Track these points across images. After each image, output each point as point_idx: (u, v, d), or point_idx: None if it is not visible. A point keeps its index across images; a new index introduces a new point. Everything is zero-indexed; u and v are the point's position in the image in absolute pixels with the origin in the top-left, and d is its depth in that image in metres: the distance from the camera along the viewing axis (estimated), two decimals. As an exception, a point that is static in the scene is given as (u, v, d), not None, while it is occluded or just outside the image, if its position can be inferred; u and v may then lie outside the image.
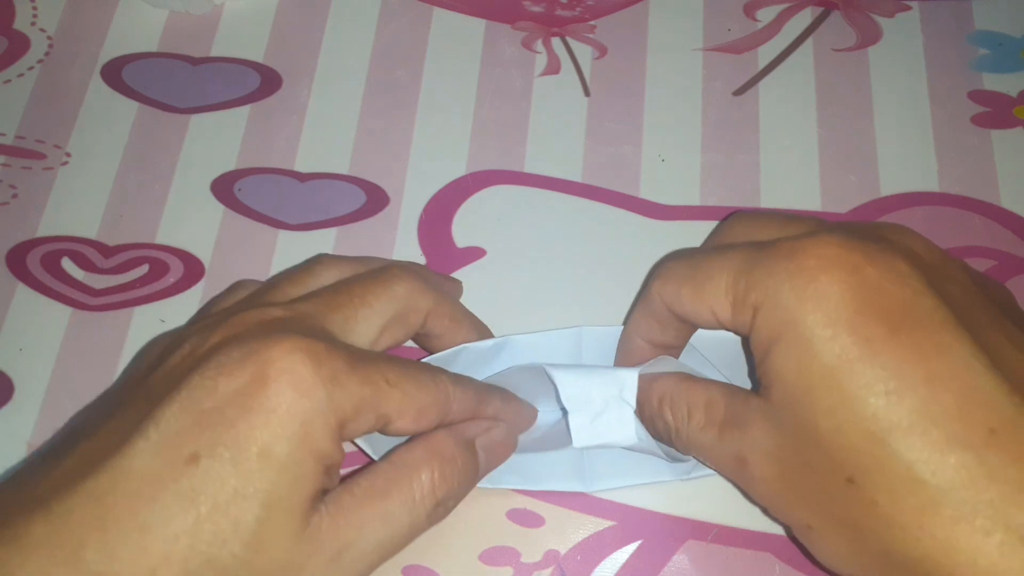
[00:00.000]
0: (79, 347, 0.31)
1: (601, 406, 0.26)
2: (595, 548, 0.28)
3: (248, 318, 0.24)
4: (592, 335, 0.29)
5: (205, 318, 0.25)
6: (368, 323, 0.25)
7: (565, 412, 0.27)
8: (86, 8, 0.38)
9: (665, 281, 0.25)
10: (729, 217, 0.27)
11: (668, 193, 0.33)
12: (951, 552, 0.20)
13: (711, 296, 0.23)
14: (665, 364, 0.26)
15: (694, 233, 0.32)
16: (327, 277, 0.27)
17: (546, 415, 0.29)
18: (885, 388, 0.20)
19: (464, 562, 0.28)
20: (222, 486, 0.21)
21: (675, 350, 0.27)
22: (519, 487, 0.28)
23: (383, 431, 0.24)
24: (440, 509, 0.24)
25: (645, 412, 0.26)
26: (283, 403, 0.21)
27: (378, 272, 0.27)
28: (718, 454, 0.24)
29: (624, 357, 0.28)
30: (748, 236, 0.25)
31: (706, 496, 0.28)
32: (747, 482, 0.24)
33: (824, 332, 0.21)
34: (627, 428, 0.26)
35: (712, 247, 0.25)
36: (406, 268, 0.27)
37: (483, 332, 0.29)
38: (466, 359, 0.28)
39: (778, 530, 0.28)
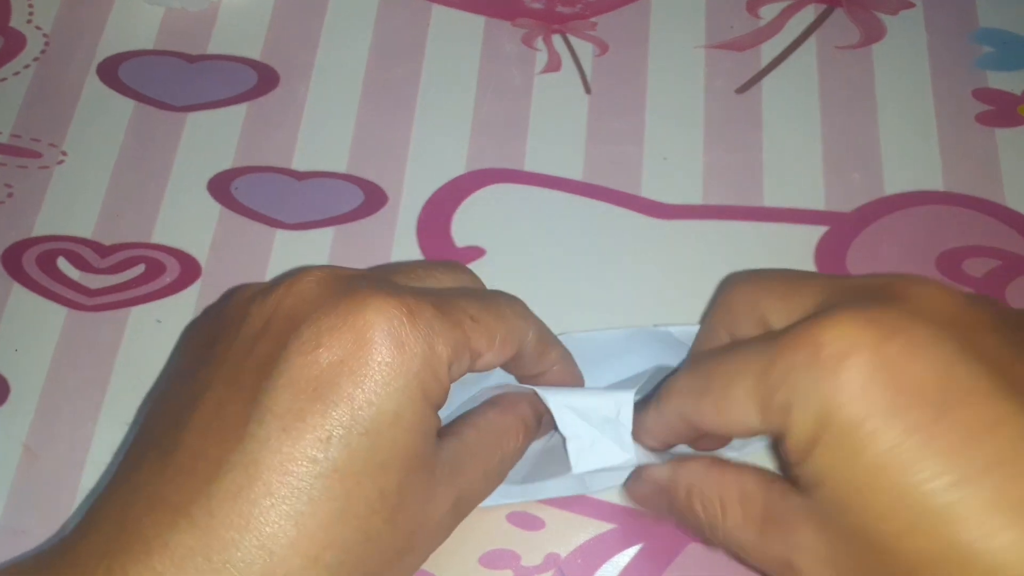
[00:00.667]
0: (75, 347, 0.31)
1: (599, 430, 0.26)
2: (596, 551, 0.28)
3: (314, 273, 0.23)
4: (577, 341, 0.28)
5: (258, 283, 0.24)
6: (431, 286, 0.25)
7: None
8: (82, 5, 0.38)
9: (680, 397, 0.24)
10: (723, 287, 0.26)
11: (670, 192, 0.33)
12: None
13: (736, 406, 0.22)
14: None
15: (696, 232, 0.32)
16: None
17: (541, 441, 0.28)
18: (946, 482, 0.18)
19: (464, 565, 0.27)
20: (363, 460, 0.20)
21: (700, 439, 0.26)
22: (521, 500, 0.28)
23: (471, 368, 0.24)
24: (510, 469, 0.26)
25: (676, 506, 0.25)
26: (393, 363, 0.21)
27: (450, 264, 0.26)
28: (761, 556, 0.22)
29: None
30: (750, 313, 0.24)
31: (708, 498, 0.28)
32: None
33: (866, 427, 0.19)
34: (626, 451, 0.26)
35: (717, 352, 0.23)
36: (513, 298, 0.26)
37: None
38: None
39: (781, 533, 0.28)
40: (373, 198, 0.33)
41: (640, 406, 0.26)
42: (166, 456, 0.21)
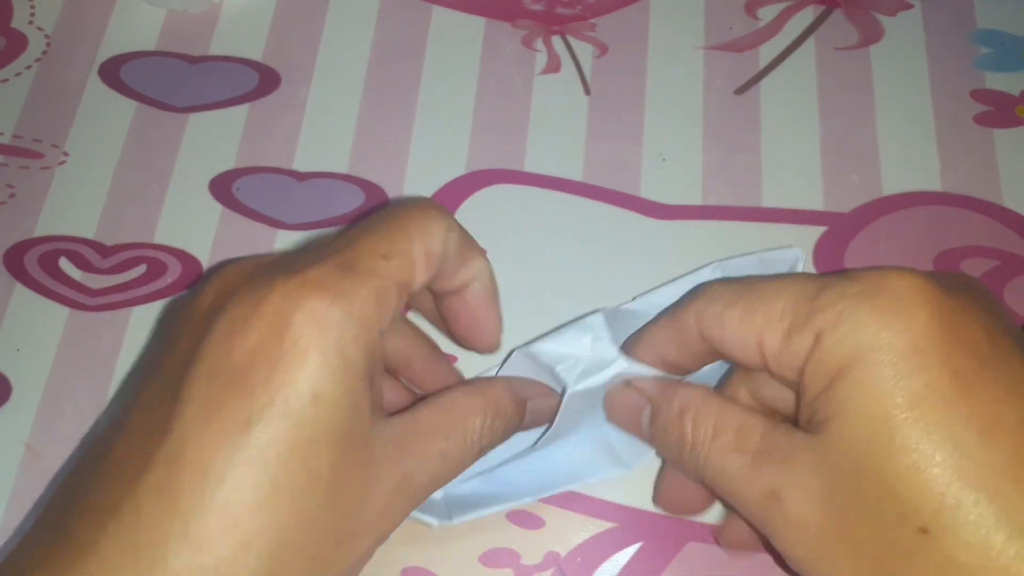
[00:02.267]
0: (77, 347, 0.31)
1: (581, 353, 0.26)
2: (596, 550, 0.28)
3: (232, 269, 0.23)
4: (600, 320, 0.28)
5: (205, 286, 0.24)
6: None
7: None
8: (84, 7, 0.38)
9: (708, 302, 0.23)
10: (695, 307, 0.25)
11: (669, 192, 0.33)
12: None
13: (763, 318, 0.21)
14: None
15: (695, 233, 0.32)
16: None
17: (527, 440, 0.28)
18: (979, 427, 0.18)
19: (464, 564, 0.27)
20: (285, 442, 0.20)
21: (683, 374, 0.26)
22: (566, 489, 0.28)
23: (411, 301, 0.23)
24: (481, 454, 0.24)
25: (659, 418, 0.24)
26: (310, 341, 0.20)
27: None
28: (743, 485, 0.22)
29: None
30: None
31: (707, 497, 0.28)
32: (777, 523, 0.21)
33: (912, 360, 0.19)
34: (611, 354, 0.26)
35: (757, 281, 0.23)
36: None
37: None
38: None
39: (780, 531, 0.28)
40: (374, 198, 0.33)
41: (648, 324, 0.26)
42: (99, 461, 0.21)
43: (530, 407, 0.26)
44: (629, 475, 0.28)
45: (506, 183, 0.34)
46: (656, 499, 0.28)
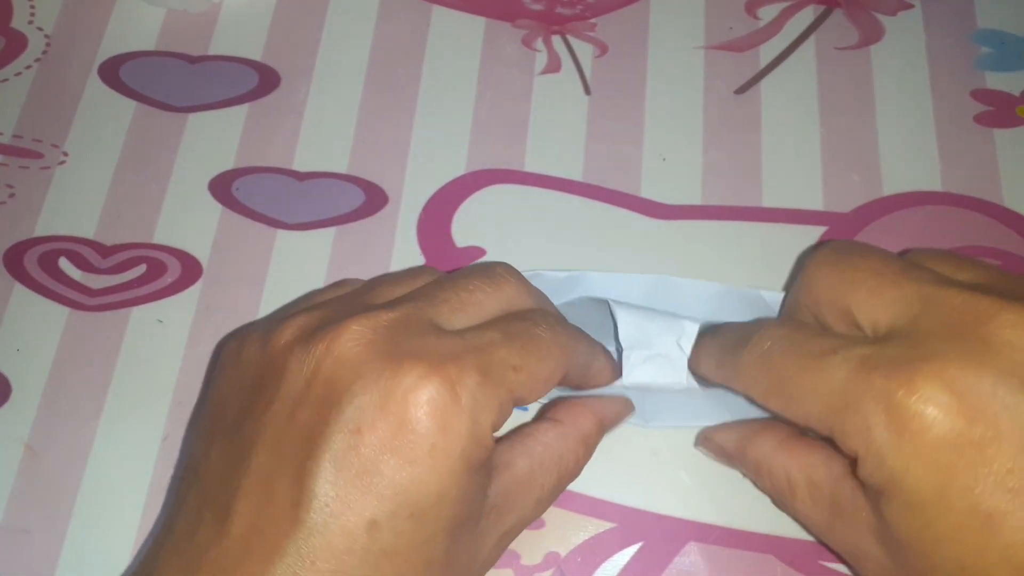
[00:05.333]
0: (76, 347, 0.31)
1: (657, 349, 0.26)
2: (596, 550, 0.28)
3: (354, 327, 0.22)
4: (667, 285, 0.29)
5: (303, 316, 0.23)
6: (474, 317, 0.24)
7: (620, 351, 0.27)
8: (84, 6, 0.38)
9: (761, 371, 0.23)
10: (808, 265, 0.25)
11: (669, 192, 0.33)
12: None
13: (803, 418, 0.22)
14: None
15: (695, 233, 0.32)
16: (429, 276, 0.26)
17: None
18: (1008, 489, 0.19)
19: (464, 564, 0.27)
20: (409, 540, 0.21)
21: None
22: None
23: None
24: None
25: (744, 472, 0.26)
26: (437, 445, 0.21)
27: (484, 267, 0.25)
28: (831, 539, 0.24)
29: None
30: (834, 303, 0.23)
31: (708, 497, 0.28)
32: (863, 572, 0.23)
33: (936, 502, 0.20)
34: (679, 373, 0.26)
35: (814, 346, 0.23)
36: (511, 268, 0.26)
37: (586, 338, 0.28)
38: (540, 287, 0.28)
39: (780, 531, 0.28)
40: (374, 198, 0.33)
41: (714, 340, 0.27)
42: (221, 524, 0.21)
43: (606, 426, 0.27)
44: (629, 475, 0.28)
45: (506, 183, 0.33)
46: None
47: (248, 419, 0.22)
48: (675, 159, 0.34)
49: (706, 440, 0.28)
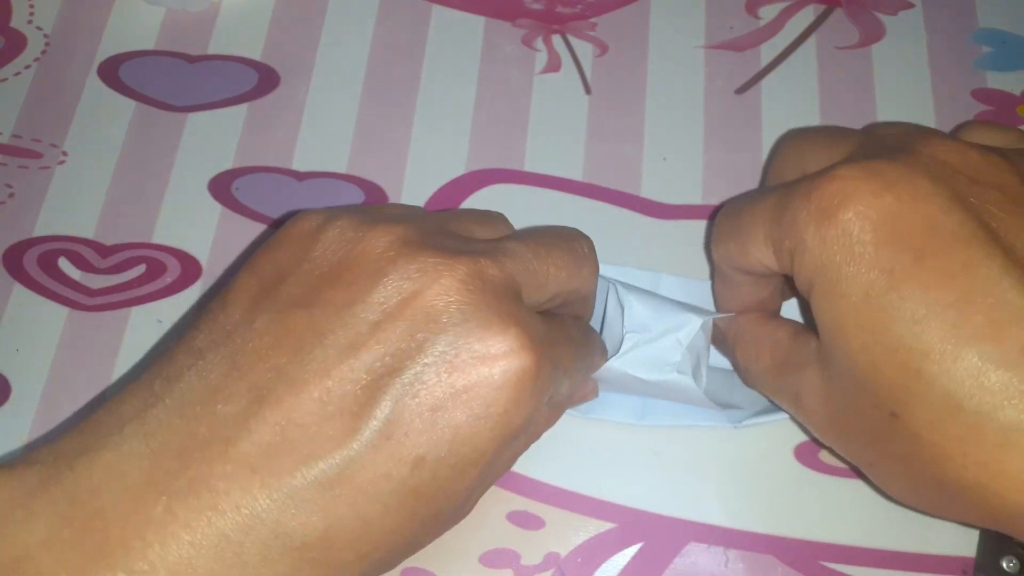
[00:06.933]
0: (76, 347, 0.31)
1: (657, 336, 0.27)
2: (596, 550, 0.28)
3: (462, 269, 0.21)
4: (670, 283, 0.30)
5: (402, 227, 0.22)
6: (549, 292, 0.24)
7: (603, 328, 0.28)
8: (83, 6, 0.38)
9: (716, 243, 0.26)
10: (781, 139, 0.27)
11: (670, 192, 0.33)
12: (999, 477, 0.19)
13: (755, 249, 0.24)
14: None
15: (696, 232, 0.32)
16: (504, 224, 0.26)
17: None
18: (912, 317, 0.20)
19: (464, 564, 0.27)
20: (438, 488, 0.21)
21: (773, 302, 0.28)
22: (576, 414, 0.29)
23: None
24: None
25: (723, 348, 0.28)
26: (504, 414, 0.21)
27: (573, 243, 0.25)
28: (779, 394, 0.26)
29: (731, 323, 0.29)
30: (795, 162, 0.26)
31: (708, 498, 0.28)
32: (805, 420, 0.25)
33: (849, 271, 0.21)
34: (673, 359, 0.27)
35: (753, 192, 0.26)
36: (592, 245, 0.26)
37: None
38: None
39: (781, 532, 0.28)
40: (373, 198, 0.33)
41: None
42: (258, 404, 0.20)
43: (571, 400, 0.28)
44: (629, 475, 0.28)
45: (506, 183, 0.33)
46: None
47: (315, 306, 0.21)
48: (675, 159, 0.34)
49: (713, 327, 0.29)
